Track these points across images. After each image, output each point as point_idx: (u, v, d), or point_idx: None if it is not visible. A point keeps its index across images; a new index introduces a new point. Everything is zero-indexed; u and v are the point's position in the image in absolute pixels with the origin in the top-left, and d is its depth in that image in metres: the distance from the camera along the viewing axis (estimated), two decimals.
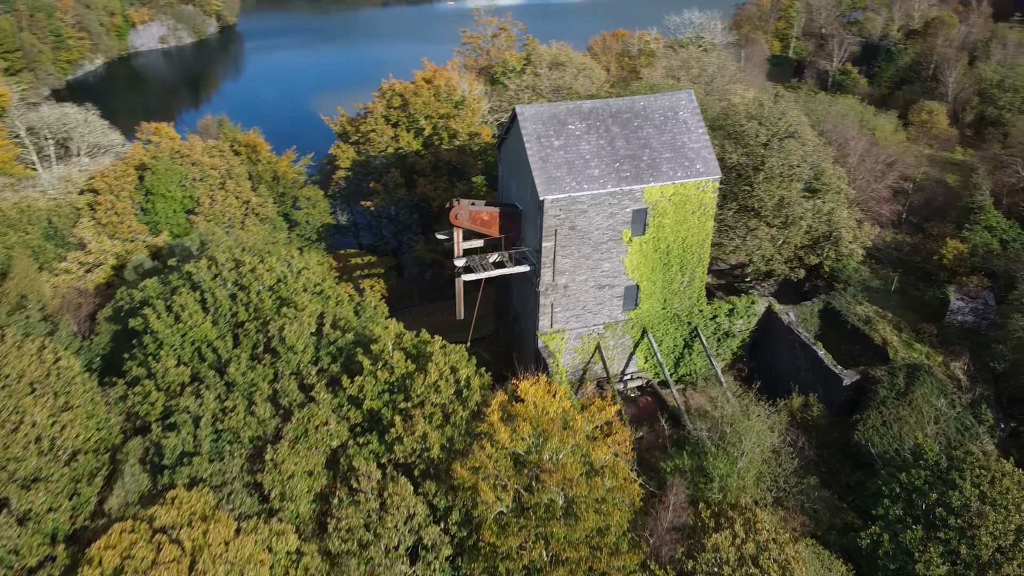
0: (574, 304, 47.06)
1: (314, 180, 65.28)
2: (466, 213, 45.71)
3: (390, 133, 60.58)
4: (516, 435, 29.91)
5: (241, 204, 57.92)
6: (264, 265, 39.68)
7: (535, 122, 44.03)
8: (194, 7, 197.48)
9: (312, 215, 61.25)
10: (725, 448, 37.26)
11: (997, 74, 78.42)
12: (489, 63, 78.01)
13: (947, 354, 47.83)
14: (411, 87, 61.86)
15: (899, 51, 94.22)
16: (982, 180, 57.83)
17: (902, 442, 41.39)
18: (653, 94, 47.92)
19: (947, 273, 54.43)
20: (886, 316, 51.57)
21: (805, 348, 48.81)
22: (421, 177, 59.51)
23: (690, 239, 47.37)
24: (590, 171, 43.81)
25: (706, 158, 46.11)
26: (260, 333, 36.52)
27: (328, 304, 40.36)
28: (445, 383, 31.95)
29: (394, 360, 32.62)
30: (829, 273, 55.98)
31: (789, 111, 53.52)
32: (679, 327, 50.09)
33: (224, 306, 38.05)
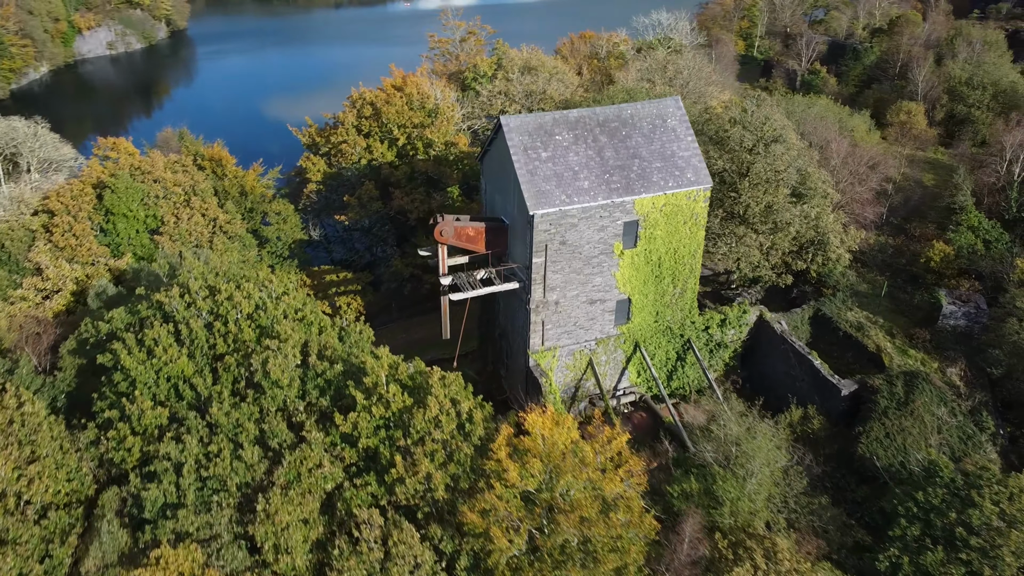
0: (565, 320, 45.45)
1: (283, 194, 62.65)
2: (451, 229, 43.77)
3: (362, 144, 58.24)
4: (526, 472, 28.14)
5: (208, 222, 55.12)
6: (241, 292, 37.28)
7: (521, 133, 42.28)
8: (143, 11, 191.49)
9: (283, 231, 58.65)
10: (733, 470, 35.98)
11: (965, 72, 78.88)
12: (459, 68, 75.99)
13: (942, 360, 47.33)
14: (383, 95, 59.58)
15: (865, 50, 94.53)
16: (963, 180, 57.65)
17: (907, 454, 40.56)
18: (640, 101, 46.48)
19: (934, 276, 54.08)
20: (877, 322, 50.95)
21: (800, 357, 47.87)
22: (396, 189, 57.34)
23: (682, 250, 46.09)
24: (579, 183, 42.22)
25: (696, 167, 44.84)
26: (241, 367, 34.15)
27: (311, 331, 38.13)
28: (446, 417, 30.03)
29: (389, 394, 30.59)
30: (816, 278, 55.26)
31: (773, 115, 52.60)
32: (671, 340, 48.80)
33: (200, 338, 35.58)
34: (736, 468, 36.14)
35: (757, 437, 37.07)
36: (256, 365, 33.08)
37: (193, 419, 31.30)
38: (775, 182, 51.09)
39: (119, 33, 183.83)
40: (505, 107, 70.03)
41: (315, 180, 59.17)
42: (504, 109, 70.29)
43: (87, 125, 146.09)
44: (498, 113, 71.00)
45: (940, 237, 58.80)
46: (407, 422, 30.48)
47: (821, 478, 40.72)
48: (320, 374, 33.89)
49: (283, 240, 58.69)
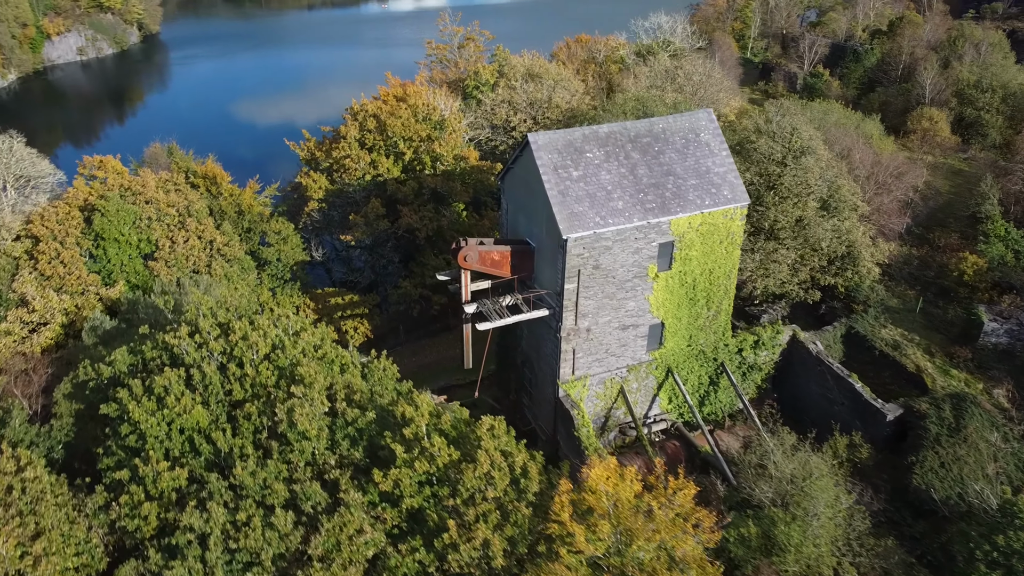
0: (597, 348, 42.85)
1: (280, 211, 59.37)
2: (475, 254, 40.96)
3: (367, 159, 55.16)
4: (593, 536, 25.48)
5: (204, 245, 51.78)
6: (256, 330, 34.21)
7: (550, 151, 39.60)
8: (114, 16, 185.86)
9: (284, 252, 55.42)
10: (792, 511, 33.61)
11: (973, 74, 77.54)
12: (459, 76, 73.12)
13: (987, 380, 45.46)
14: (387, 108, 56.55)
15: (866, 51, 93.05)
16: (990, 189, 55.92)
17: (964, 485, 38.46)
18: (671, 115, 44.00)
19: (967, 289, 52.28)
20: (913, 339, 49.00)
21: (838, 380, 45.66)
22: (404, 206, 54.34)
23: (717, 271, 43.68)
24: (613, 204, 39.63)
25: (732, 183, 42.46)
26: (263, 416, 31.10)
27: (333, 370, 35.17)
28: (499, 473, 27.28)
29: (434, 447, 27.76)
30: (844, 293, 53.18)
31: (801, 125, 50.43)
32: (704, 364, 46.40)
33: (215, 384, 32.48)
34: (796, 510, 33.80)
35: (813, 474, 34.81)
36: (281, 415, 30.07)
37: (215, 481, 28.22)
38: (805, 196, 48.96)
39: (90, 38, 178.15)
40: (509, 116, 67.32)
41: (316, 198, 56.00)
42: (508, 118, 67.58)
43: (58, 134, 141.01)
44: (502, 123, 68.32)
45: (966, 247, 57.15)
46: (455, 479, 27.69)
47: (876, 514, 38.55)
48: (351, 423, 30.97)
49: (284, 262, 55.47)
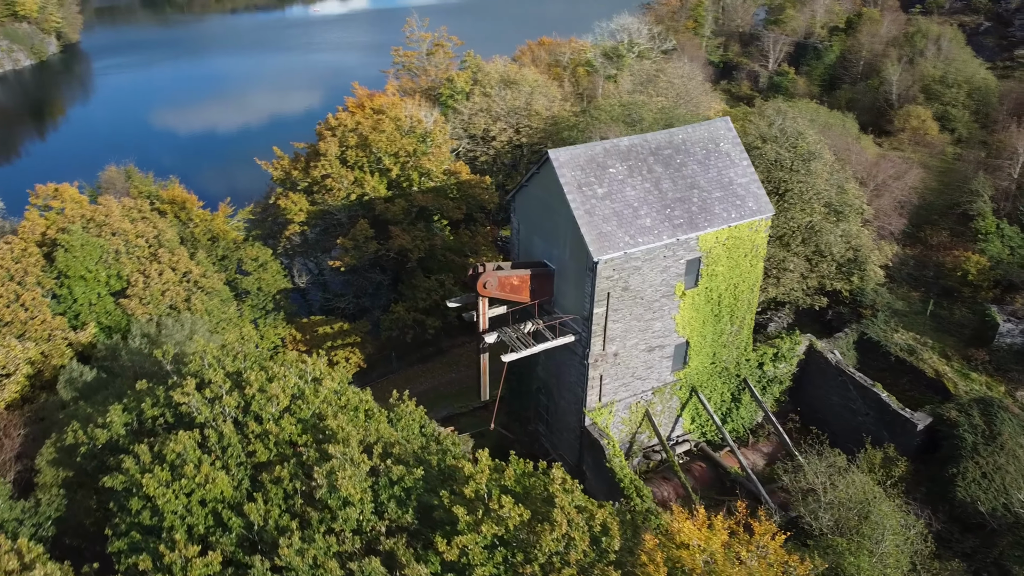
0: (623, 372, 40.67)
1: (254, 236, 55.30)
2: (495, 280, 38.25)
3: (350, 177, 51.66)
4: None
5: (180, 277, 47.58)
6: (275, 381, 30.82)
7: (572, 168, 37.17)
8: (30, 25, 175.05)
9: (264, 280, 51.51)
10: (859, 541, 32.05)
11: (938, 69, 78.36)
12: (431, 84, 69.92)
13: (1007, 382, 45.06)
14: (368, 122, 53.11)
15: (826, 49, 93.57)
16: (982, 186, 55.94)
17: (1008, 495, 37.74)
18: (689, 125, 42.11)
19: (971, 289, 52.04)
20: (927, 343, 48.37)
21: (862, 390, 44.58)
22: (394, 226, 51.07)
23: (742, 285, 42.03)
24: (641, 221, 37.47)
25: (756, 194, 40.84)
26: (296, 480, 27.78)
27: (358, 419, 32.05)
28: (579, 533, 24.71)
29: (503, 509, 25.00)
30: (850, 298, 52.32)
31: (806, 129, 49.29)
32: (727, 381, 44.75)
33: (235, 446, 28.99)
34: (859, 538, 32.27)
35: (874, 498, 33.37)
36: (320, 479, 26.81)
37: (259, 564, 24.82)
38: (815, 201, 47.81)
39: (5, 49, 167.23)
40: (488, 126, 64.58)
41: (298, 220, 52.18)
42: (487, 128, 64.83)
43: None
44: (481, 132, 65.54)
45: (958, 246, 57.15)
46: (528, 541, 25.01)
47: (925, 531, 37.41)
48: (396, 481, 27.92)
49: (265, 291, 51.56)
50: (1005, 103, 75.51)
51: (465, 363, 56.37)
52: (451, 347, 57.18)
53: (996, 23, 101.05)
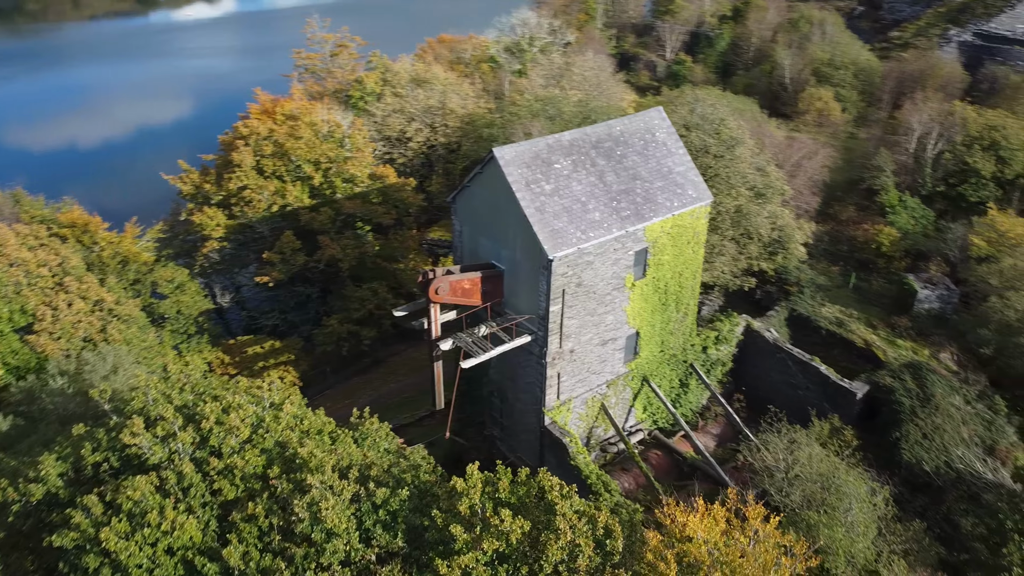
0: (579, 368, 40.37)
1: (166, 256, 51.69)
2: (447, 285, 37.12)
3: (271, 187, 49.02)
4: None
5: (91, 307, 43.93)
6: (232, 412, 28.69)
7: (519, 165, 36.46)
8: None
9: (183, 303, 48.27)
10: (831, 514, 32.92)
11: (825, 53, 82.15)
12: (338, 87, 67.40)
13: (930, 346, 47.56)
14: (282, 129, 50.57)
15: (717, 36, 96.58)
16: (884, 162, 58.90)
17: (948, 453, 39.78)
18: (626, 116, 42.15)
19: (885, 260, 54.72)
20: (853, 315, 50.51)
21: (801, 365, 46.06)
22: (322, 236, 48.83)
23: (686, 272, 42.53)
24: (590, 216, 37.20)
25: (695, 181, 41.35)
26: (272, 516, 25.89)
27: (324, 443, 30.33)
28: (584, 540, 24.10)
29: (505, 524, 24.08)
30: (775, 277, 53.98)
31: (727, 116, 50.45)
32: (675, 367, 45.25)
33: (198, 486, 26.77)
34: (829, 510, 33.15)
35: (839, 470, 34.45)
36: (301, 511, 25.09)
37: None
38: (740, 186, 48.99)
39: None
40: (404, 126, 62.94)
41: (216, 236, 49.07)
42: (403, 128, 63.19)
43: None
44: (396, 134, 63.81)
45: (867, 220, 60.06)
46: (530, 554, 24.21)
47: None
48: (380, 505, 26.49)
49: (185, 314, 48.32)
50: (888, 82, 79.99)
51: (404, 372, 54.82)
52: (388, 357, 55.46)
53: (868, 7, 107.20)
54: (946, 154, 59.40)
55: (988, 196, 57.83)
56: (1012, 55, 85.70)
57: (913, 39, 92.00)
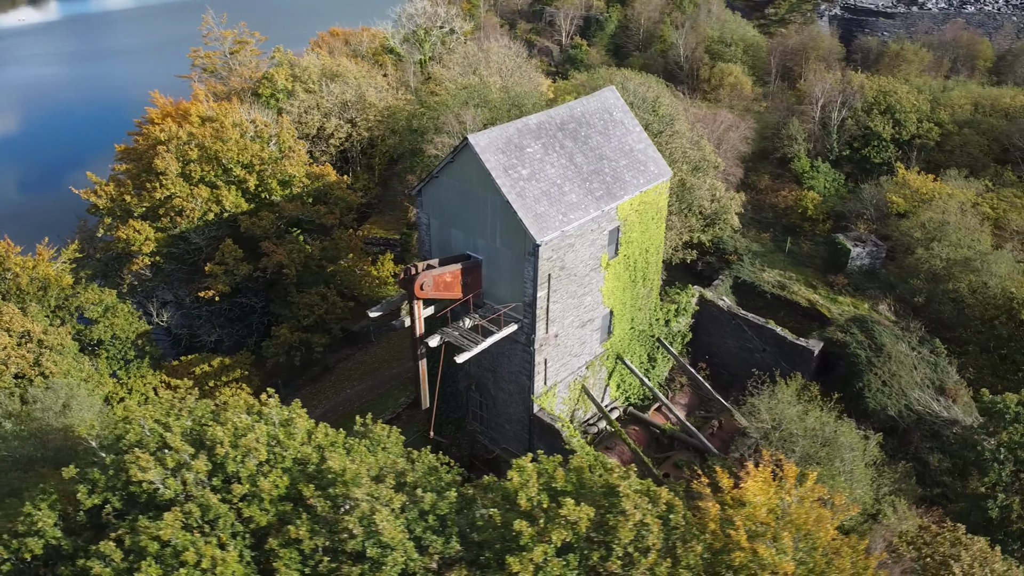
0: (562, 353, 40.21)
1: (85, 278, 47.17)
2: (431, 280, 35.96)
3: (204, 194, 45.62)
4: (782, 555, 23.52)
5: (17, 340, 39.63)
6: (248, 433, 26.65)
7: (494, 151, 35.72)
8: None
9: (117, 326, 44.33)
10: (829, 465, 34.43)
11: (715, 31, 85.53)
12: (244, 85, 63.58)
13: (868, 300, 50.59)
14: (206, 131, 47.19)
15: (606, 20, 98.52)
16: (796, 131, 62.02)
17: (907, 397, 42.50)
18: (583, 97, 42.11)
19: (810, 223, 57.70)
20: (792, 277, 53.00)
21: (757, 329, 47.86)
22: (265, 242, 46.01)
23: (651, 248, 43.17)
24: (567, 198, 37.01)
25: (654, 158, 41.97)
26: (319, 537, 24.24)
27: (342, 454, 28.72)
28: (652, 518, 24.03)
29: (573, 513, 23.64)
30: (713, 248, 55.85)
31: (662, 94, 51.53)
32: (643, 343, 45.93)
33: (226, 516, 24.70)
34: (827, 461, 34.67)
35: (828, 423, 36.08)
36: (354, 526, 23.64)
37: None
38: (681, 161, 50.24)
39: None
40: (323, 123, 60.38)
41: (147, 251, 45.21)
42: (322, 125, 60.63)
43: None
44: (315, 131, 61.13)
45: (782, 187, 63.12)
46: (598, 539, 23.91)
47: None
48: (428, 511, 25.38)
49: (121, 337, 44.42)
50: (774, 56, 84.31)
51: (357, 377, 52.89)
52: (336, 363, 53.25)
53: None
54: (848, 120, 63.25)
55: (889, 157, 62.16)
56: (878, 26, 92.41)
57: (788, 15, 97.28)
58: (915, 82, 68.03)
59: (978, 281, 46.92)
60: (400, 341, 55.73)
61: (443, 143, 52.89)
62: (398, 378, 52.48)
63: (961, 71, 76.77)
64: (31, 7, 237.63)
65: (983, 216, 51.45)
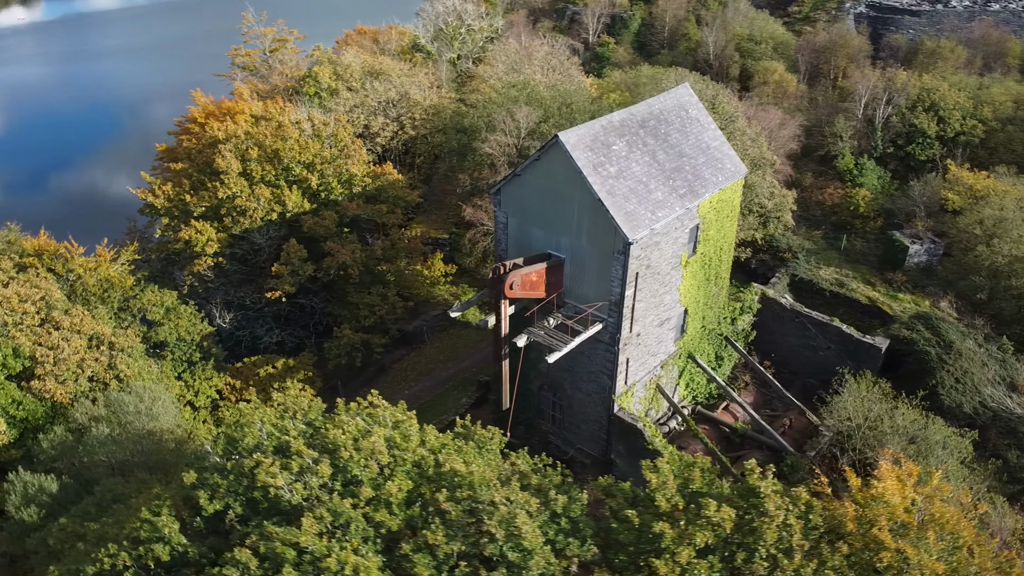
0: (642, 352, 39.92)
1: (143, 279, 46.52)
2: (519, 279, 35.57)
3: (267, 194, 45.03)
4: (928, 553, 23.31)
5: (87, 343, 39.00)
6: (366, 437, 26.23)
7: (583, 149, 35.37)
8: None
9: (182, 327, 43.72)
10: (923, 463, 34.25)
11: (744, 29, 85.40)
12: (287, 84, 62.91)
13: (927, 297, 50.52)
14: (266, 129, 46.60)
15: (631, 18, 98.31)
16: (841, 129, 61.93)
17: (980, 394, 42.44)
18: (658, 96, 41.77)
19: (861, 220, 57.60)
20: (848, 274, 52.87)
21: (821, 326, 47.68)
22: (330, 242, 45.45)
23: (724, 246, 42.97)
24: (654, 196, 36.73)
25: (730, 155, 41.74)
26: (455, 542, 23.83)
27: (451, 457, 28.29)
28: (794, 518, 23.77)
29: (719, 514, 23.35)
30: (765, 246, 55.66)
31: (720, 93, 51.33)
32: (712, 341, 45.71)
33: (357, 520, 24.27)
34: (921, 459, 34.51)
35: (917, 421, 35.94)
36: (495, 530, 23.26)
37: None
38: (742, 158, 49.97)
39: None
40: (369, 122, 59.86)
41: (210, 252, 44.56)
42: (368, 124, 60.11)
43: None
44: (361, 129, 60.58)
45: (827, 185, 63.03)
46: (741, 540, 23.63)
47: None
48: (560, 513, 25.04)
49: (186, 340, 43.82)
50: (803, 54, 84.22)
51: (413, 377, 52.41)
52: (392, 363, 52.78)
53: None
54: (893, 118, 63.23)
55: (934, 154, 62.18)
56: (903, 24, 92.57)
57: (812, 13, 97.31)
58: (952, 79, 68.08)
59: None
60: (452, 341, 55.31)
61: (497, 141, 52.48)
62: (454, 378, 52.03)
63: (995, 68, 76.97)
64: (21, 6, 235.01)
65: None
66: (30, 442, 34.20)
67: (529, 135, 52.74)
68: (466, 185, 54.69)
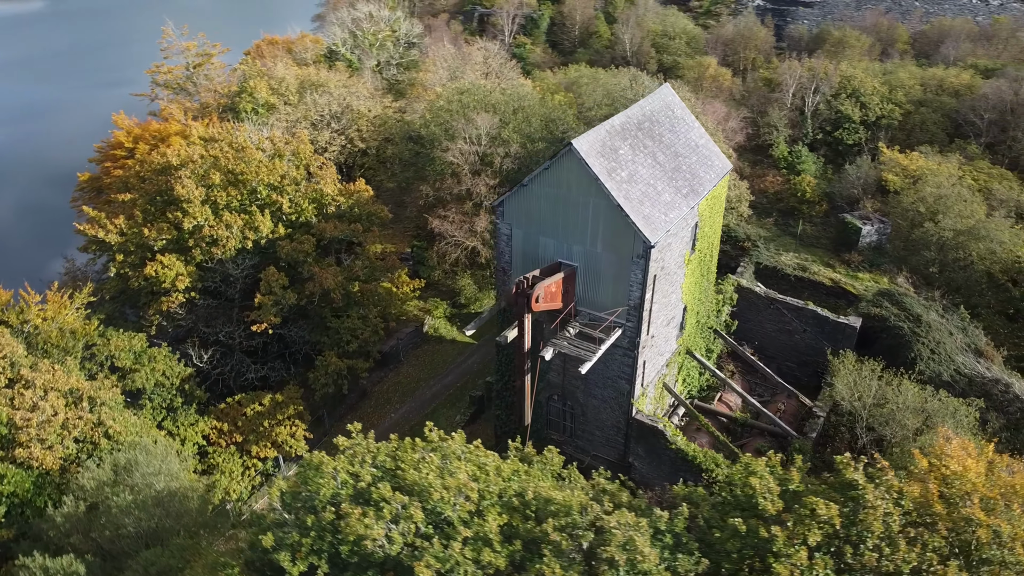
0: (654, 353, 40.05)
1: (101, 321, 42.47)
2: (542, 291, 34.83)
3: (239, 222, 41.94)
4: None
5: (64, 399, 35.30)
6: (450, 476, 24.95)
7: (596, 156, 35.05)
8: None
9: (159, 372, 40.27)
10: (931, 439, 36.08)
11: (658, 25, 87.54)
12: (218, 100, 58.86)
13: (884, 274, 53.33)
14: (228, 153, 43.46)
15: (540, 17, 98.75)
16: (777, 119, 64.47)
17: (954, 362, 45.16)
18: (646, 97, 41.91)
19: (807, 206, 60.14)
20: (807, 258, 55.09)
21: (796, 311, 49.45)
22: (313, 266, 42.90)
23: (715, 240, 43.77)
24: (663, 198, 36.89)
25: (716, 152, 42.52)
26: (573, 570, 23.00)
27: (520, 481, 27.41)
28: (892, 507, 24.36)
29: (822, 512, 23.62)
30: (724, 236, 57.09)
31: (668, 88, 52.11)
32: (703, 335, 46.48)
33: (464, 563, 23.01)
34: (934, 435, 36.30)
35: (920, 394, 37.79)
36: (616, 555, 22.61)
37: None
38: None
39: None
40: (315, 137, 57.13)
41: (180, 287, 41.04)
42: (314, 139, 57.37)
43: None
44: None
45: (765, 174, 65.49)
46: (845, 534, 24.03)
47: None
48: (663, 530, 24.64)
49: (166, 385, 40.40)
50: (714, 48, 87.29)
51: (397, 400, 50.62)
52: (372, 387, 50.73)
53: None
54: (821, 106, 66.41)
55: (859, 138, 65.77)
56: (798, 15, 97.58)
57: (713, 7, 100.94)
58: (861, 66, 72.25)
59: (986, 248, 50.43)
60: (430, 358, 53.77)
61: (460, 150, 51.38)
62: (441, 396, 50.61)
63: (891, 55, 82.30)
64: None
65: (970, 188, 55.33)
66: (29, 518, 30.47)
67: (491, 141, 51.89)
68: (428, 196, 53.19)
